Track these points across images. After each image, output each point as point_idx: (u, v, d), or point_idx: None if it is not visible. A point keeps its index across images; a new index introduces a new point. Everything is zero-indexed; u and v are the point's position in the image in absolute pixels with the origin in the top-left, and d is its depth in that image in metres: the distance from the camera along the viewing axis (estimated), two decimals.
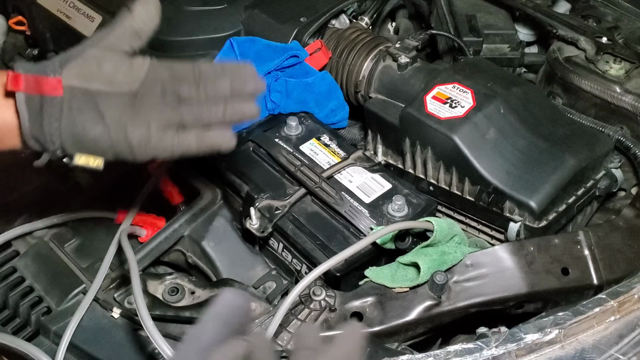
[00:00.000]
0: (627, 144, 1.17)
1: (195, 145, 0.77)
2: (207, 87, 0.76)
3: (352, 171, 1.12)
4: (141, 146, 0.75)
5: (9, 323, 0.98)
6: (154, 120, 0.75)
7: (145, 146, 0.75)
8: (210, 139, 0.78)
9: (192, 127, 0.77)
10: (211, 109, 0.77)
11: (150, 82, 0.76)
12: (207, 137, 0.78)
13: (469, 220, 1.14)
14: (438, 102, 1.13)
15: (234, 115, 0.78)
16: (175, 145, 0.76)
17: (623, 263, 1.00)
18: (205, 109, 0.76)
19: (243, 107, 0.79)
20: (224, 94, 0.77)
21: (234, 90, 0.77)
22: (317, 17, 1.32)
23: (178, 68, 0.77)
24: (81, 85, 0.74)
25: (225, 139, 0.79)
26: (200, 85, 0.76)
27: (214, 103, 0.77)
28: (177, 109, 0.76)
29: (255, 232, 1.02)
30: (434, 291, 0.93)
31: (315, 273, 0.88)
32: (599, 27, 1.33)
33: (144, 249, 1.04)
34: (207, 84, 0.76)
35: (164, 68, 0.77)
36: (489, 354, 0.80)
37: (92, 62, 0.75)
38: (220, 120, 0.78)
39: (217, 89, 0.77)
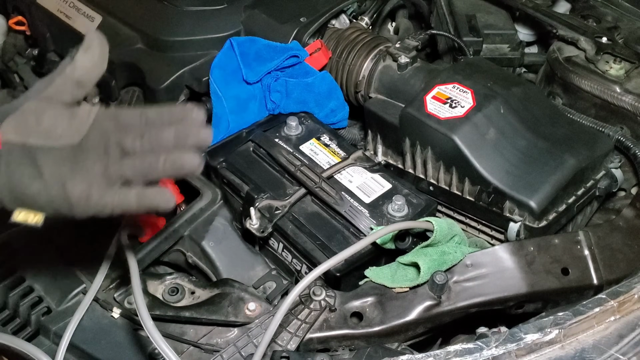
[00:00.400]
0: (627, 144, 1.17)
1: (136, 203, 0.73)
2: (152, 137, 0.73)
3: (352, 171, 1.12)
4: (81, 203, 0.72)
5: (9, 323, 0.98)
6: (95, 176, 0.72)
7: (85, 203, 0.72)
8: (150, 198, 0.74)
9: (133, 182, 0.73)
10: (152, 161, 0.73)
11: (93, 134, 0.73)
12: (147, 195, 0.73)
13: (469, 220, 1.14)
14: (438, 102, 1.13)
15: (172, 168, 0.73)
16: (116, 202, 0.73)
17: (623, 263, 1.00)
18: (147, 162, 0.73)
19: (183, 159, 0.73)
20: (167, 144, 0.73)
21: (178, 141, 0.73)
22: (317, 17, 1.32)
23: (124, 116, 0.74)
24: (19, 140, 0.71)
25: (164, 198, 0.74)
26: (145, 136, 0.73)
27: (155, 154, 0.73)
28: (119, 162, 0.72)
29: (255, 232, 1.02)
30: (434, 291, 0.93)
31: (315, 273, 0.88)
32: (599, 27, 1.33)
33: (144, 249, 1.04)
34: (151, 133, 0.73)
35: (110, 117, 0.74)
36: (489, 354, 0.80)
37: (30, 115, 0.72)
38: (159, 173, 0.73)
39: (160, 139, 0.73)
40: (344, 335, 0.92)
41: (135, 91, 1.33)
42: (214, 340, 0.93)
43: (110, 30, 1.35)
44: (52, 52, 1.47)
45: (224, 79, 1.22)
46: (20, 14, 1.53)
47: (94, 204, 0.72)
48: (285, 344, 0.90)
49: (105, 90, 1.34)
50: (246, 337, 0.91)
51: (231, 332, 0.94)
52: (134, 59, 1.30)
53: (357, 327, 0.93)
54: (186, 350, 0.92)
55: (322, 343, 0.92)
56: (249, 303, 0.95)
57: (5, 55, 1.64)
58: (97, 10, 1.38)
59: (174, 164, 0.72)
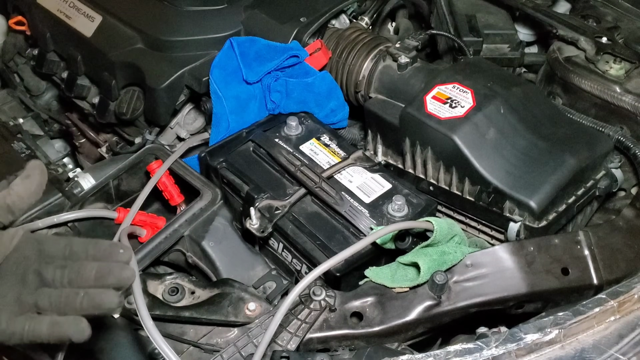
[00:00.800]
0: (627, 144, 1.17)
1: (47, 334, 0.71)
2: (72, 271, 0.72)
3: (352, 171, 1.12)
4: None
5: None
6: (7, 303, 0.70)
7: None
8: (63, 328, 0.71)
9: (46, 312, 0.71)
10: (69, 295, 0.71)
11: (13, 260, 0.72)
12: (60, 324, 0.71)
13: (469, 220, 1.14)
14: (438, 102, 1.13)
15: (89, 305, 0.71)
16: (26, 331, 0.70)
17: (623, 263, 1.00)
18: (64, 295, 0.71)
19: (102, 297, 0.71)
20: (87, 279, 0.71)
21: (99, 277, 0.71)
22: (317, 17, 1.32)
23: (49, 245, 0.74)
24: None
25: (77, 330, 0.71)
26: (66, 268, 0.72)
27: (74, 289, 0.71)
28: (35, 291, 0.71)
29: (255, 232, 1.02)
30: (434, 291, 0.93)
31: (315, 273, 0.88)
32: (599, 27, 1.33)
33: (144, 249, 1.04)
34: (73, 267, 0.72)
35: (34, 244, 0.74)
36: (489, 354, 0.80)
37: None
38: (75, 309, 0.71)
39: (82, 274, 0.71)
40: (344, 335, 0.92)
41: (135, 91, 1.33)
42: (214, 340, 0.93)
43: (110, 30, 1.35)
44: (52, 52, 1.47)
45: (224, 79, 1.22)
46: (20, 14, 1.53)
47: (1, 331, 0.70)
48: (285, 344, 0.90)
49: (105, 90, 1.34)
50: (246, 337, 0.91)
51: (231, 332, 0.94)
52: (134, 59, 1.30)
53: (357, 327, 0.93)
54: (186, 350, 0.92)
55: (322, 343, 0.92)
56: (249, 303, 0.95)
57: (5, 55, 1.64)
58: (97, 10, 1.38)
59: (91, 301, 0.71)
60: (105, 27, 1.36)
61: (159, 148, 1.20)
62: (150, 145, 1.21)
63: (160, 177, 1.11)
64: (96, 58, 1.35)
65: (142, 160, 1.18)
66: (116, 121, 1.37)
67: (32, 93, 1.66)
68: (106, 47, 1.33)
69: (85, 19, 1.38)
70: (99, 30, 1.36)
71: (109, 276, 0.72)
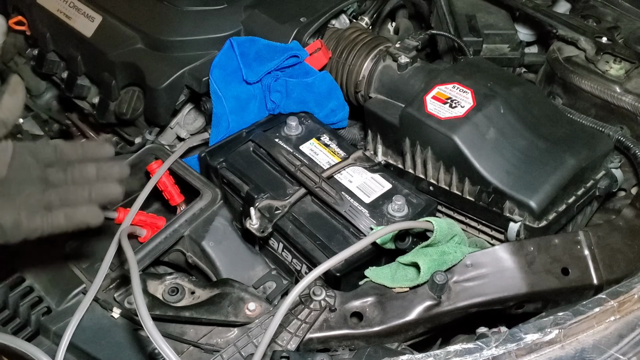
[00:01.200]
0: (627, 144, 1.17)
1: (65, 224, 0.81)
2: (74, 172, 0.81)
3: (352, 171, 1.12)
4: (13, 230, 0.78)
5: (9, 323, 0.98)
6: (23, 205, 0.78)
7: (17, 230, 0.78)
8: (78, 217, 0.81)
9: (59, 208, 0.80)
10: (77, 192, 0.81)
11: (16, 168, 0.79)
12: (75, 215, 0.81)
13: (469, 220, 1.14)
14: (438, 102, 1.13)
15: (99, 197, 0.82)
16: (45, 225, 0.80)
17: (623, 263, 1.00)
18: (71, 192, 0.81)
19: (109, 189, 0.83)
20: (90, 178, 0.82)
21: (100, 175, 0.82)
22: (317, 17, 1.32)
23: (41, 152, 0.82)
24: None
25: (93, 215, 0.82)
26: (67, 170, 0.81)
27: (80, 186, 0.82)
28: (44, 193, 0.80)
29: (255, 232, 1.02)
30: (434, 291, 0.93)
31: (315, 273, 0.88)
32: (599, 27, 1.33)
33: (144, 249, 1.04)
34: (73, 168, 0.81)
35: (27, 152, 0.81)
36: (489, 354, 0.80)
37: None
38: (86, 200, 0.81)
39: (83, 174, 0.82)
40: (344, 335, 0.92)
41: (135, 91, 1.33)
42: (214, 340, 0.93)
43: (110, 30, 1.35)
44: (52, 52, 1.47)
45: (224, 79, 1.22)
46: (20, 14, 1.53)
47: (25, 230, 0.79)
48: (285, 344, 0.90)
49: (105, 90, 1.34)
50: (246, 337, 0.91)
51: (231, 332, 0.94)
52: (134, 59, 1.30)
53: (357, 327, 0.93)
54: (186, 350, 0.92)
55: (322, 343, 0.92)
56: (249, 303, 0.95)
57: (5, 55, 1.64)
58: (97, 10, 1.38)
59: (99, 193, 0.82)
60: (105, 27, 1.36)
61: (159, 148, 1.20)
62: (150, 145, 1.21)
63: (160, 177, 1.11)
64: (96, 58, 1.35)
65: (142, 160, 1.18)
66: (116, 121, 1.37)
67: (32, 93, 1.66)
68: (106, 47, 1.33)
69: (85, 19, 1.38)
70: (99, 30, 1.36)
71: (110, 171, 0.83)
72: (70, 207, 0.81)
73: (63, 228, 0.81)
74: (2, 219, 0.78)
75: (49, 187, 0.81)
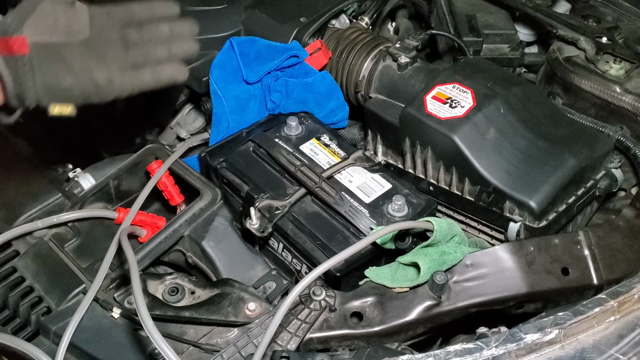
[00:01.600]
0: (627, 144, 1.17)
1: (152, 80, 0.86)
2: (150, 31, 0.86)
3: (352, 171, 1.12)
4: (107, 87, 0.83)
5: (9, 323, 0.98)
6: (114, 62, 0.83)
7: (110, 87, 0.83)
8: (164, 73, 0.87)
9: (145, 65, 0.85)
10: (157, 50, 0.86)
11: (97, 29, 0.82)
12: (160, 72, 0.86)
13: (469, 220, 1.14)
14: (438, 102, 1.13)
15: (178, 52, 0.88)
16: (135, 82, 0.85)
17: (623, 263, 1.00)
18: (152, 51, 0.86)
19: (185, 46, 0.89)
20: (165, 35, 0.87)
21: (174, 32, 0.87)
22: (317, 17, 1.32)
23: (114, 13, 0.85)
24: (43, 40, 0.78)
25: (177, 71, 0.88)
26: (142, 30, 0.85)
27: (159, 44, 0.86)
28: (128, 51, 0.84)
29: (255, 232, 1.02)
30: (434, 291, 0.93)
31: (315, 273, 0.88)
32: (599, 27, 1.33)
33: (144, 249, 1.04)
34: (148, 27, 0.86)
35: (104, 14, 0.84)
36: (489, 354, 0.80)
37: (47, 16, 0.79)
38: (167, 56, 0.87)
39: (158, 33, 0.86)
40: (344, 335, 0.92)
41: None
42: (214, 340, 0.93)
43: None
44: None
45: (224, 79, 1.22)
46: None
47: (117, 87, 0.84)
48: (285, 344, 0.90)
49: None
50: (246, 337, 0.91)
51: (231, 332, 0.94)
52: None
53: (357, 327, 0.93)
54: (186, 350, 0.92)
55: (322, 343, 0.92)
56: (249, 303, 0.95)
57: None
58: None
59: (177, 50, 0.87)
60: None
61: (159, 148, 1.20)
62: (150, 145, 1.21)
63: (160, 177, 1.11)
64: None
65: (142, 160, 1.18)
66: None
67: None
68: None
69: None
70: None
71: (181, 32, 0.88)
72: (155, 65, 0.86)
73: (151, 85, 0.86)
74: (97, 75, 0.81)
75: (129, 48, 0.84)
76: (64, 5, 0.81)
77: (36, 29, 0.78)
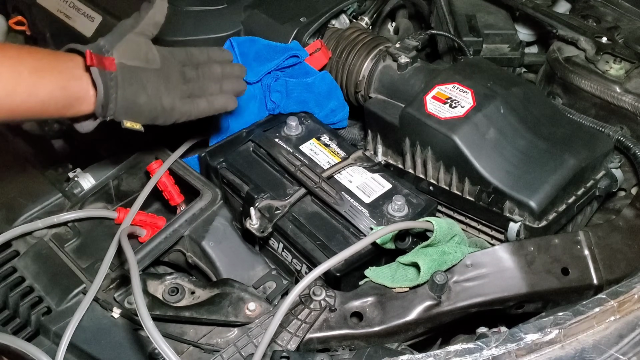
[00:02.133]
0: (627, 144, 1.17)
1: (207, 108, 1.01)
2: (204, 70, 1.02)
3: (352, 171, 1.12)
4: (171, 111, 0.96)
5: (9, 323, 0.98)
6: (177, 91, 0.97)
7: (173, 111, 0.97)
8: (217, 103, 1.02)
9: (201, 97, 1.01)
10: (210, 85, 1.02)
11: (165, 63, 0.97)
12: (214, 101, 1.02)
13: (469, 220, 1.14)
14: (438, 102, 1.13)
15: (228, 88, 1.04)
16: (193, 109, 1.00)
17: (623, 263, 1.00)
18: (206, 85, 1.01)
19: (235, 83, 1.05)
20: (217, 75, 1.03)
21: (225, 73, 1.04)
22: (317, 17, 1.32)
23: (176, 53, 1.01)
24: (128, 63, 0.92)
25: (228, 102, 1.04)
26: (198, 68, 1.01)
27: (212, 81, 1.02)
28: (186, 84, 0.99)
29: (255, 232, 1.02)
30: (434, 291, 0.93)
31: (315, 273, 0.88)
32: (599, 27, 1.33)
33: (144, 249, 1.04)
34: (203, 67, 1.02)
35: (168, 53, 0.99)
36: (489, 354, 0.80)
37: (133, 44, 0.94)
38: (218, 91, 1.03)
39: (211, 72, 1.02)
40: (344, 335, 0.92)
41: None
42: (214, 340, 0.93)
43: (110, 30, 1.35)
44: None
45: None
46: (20, 14, 1.53)
47: (178, 112, 0.98)
48: (285, 344, 0.90)
49: None
50: (246, 337, 0.91)
51: (231, 332, 0.94)
52: None
53: (357, 327, 0.93)
54: (186, 350, 0.92)
55: (322, 343, 0.92)
56: (249, 303, 0.95)
57: None
58: (97, 10, 1.38)
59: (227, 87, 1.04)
60: (105, 27, 1.36)
61: (159, 148, 1.20)
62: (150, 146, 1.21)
63: (160, 177, 1.11)
64: None
65: (142, 160, 1.18)
66: None
67: None
68: None
69: (85, 19, 1.38)
70: (99, 30, 1.36)
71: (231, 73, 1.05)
72: (209, 96, 1.01)
73: (206, 112, 1.02)
74: (165, 101, 0.95)
75: (186, 82, 0.99)
76: (144, 37, 0.96)
77: (123, 53, 0.92)
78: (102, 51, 0.91)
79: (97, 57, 0.89)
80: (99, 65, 0.88)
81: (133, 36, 0.95)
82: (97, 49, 0.91)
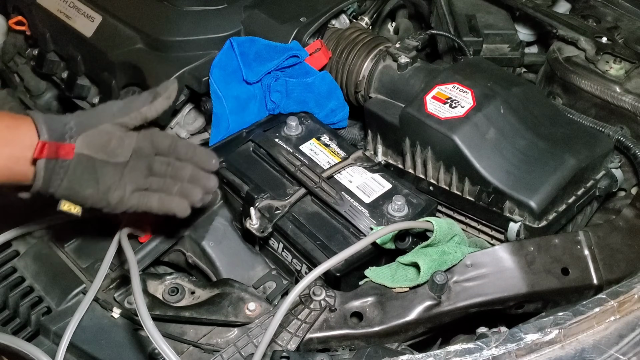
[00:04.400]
0: (627, 144, 1.17)
1: (157, 206, 0.93)
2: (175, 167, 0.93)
3: (352, 171, 1.12)
4: (117, 204, 0.90)
5: (9, 323, 0.98)
6: (130, 185, 0.91)
7: (119, 204, 0.91)
8: (169, 204, 0.93)
9: (156, 192, 0.93)
10: (170, 185, 0.94)
11: (135, 155, 0.91)
12: (167, 202, 0.93)
13: (469, 220, 1.14)
14: (438, 102, 1.13)
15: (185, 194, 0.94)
16: (141, 204, 0.92)
17: (623, 263, 1.00)
18: (167, 183, 0.93)
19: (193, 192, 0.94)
20: (184, 176, 0.94)
21: (192, 178, 0.94)
22: (317, 17, 1.32)
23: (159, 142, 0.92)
24: (89, 154, 0.86)
25: (180, 206, 0.93)
26: (169, 164, 0.93)
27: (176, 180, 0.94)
28: (148, 178, 0.93)
29: (255, 232, 1.02)
30: (434, 291, 0.93)
31: (315, 273, 0.88)
32: (599, 27, 1.33)
33: (144, 249, 1.04)
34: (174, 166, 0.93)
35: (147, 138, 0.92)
36: (489, 354, 0.80)
37: (104, 136, 0.87)
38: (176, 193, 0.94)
39: (181, 172, 0.93)
40: (344, 335, 0.92)
41: (135, 91, 1.32)
42: (214, 340, 0.93)
43: (110, 30, 1.35)
44: (52, 52, 1.46)
45: (224, 79, 1.22)
46: (20, 14, 1.52)
47: (124, 205, 0.91)
48: (285, 344, 0.90)
49: (105, 90, 1.34)
50: (246, 337, 0.91)
51: (231, 332, 0.94)
52: (134, 59, 1.30)
53: (357, 327, 0.93)
54: (186, 350, 0.92)
55: (322, 343, 0.92)
56: (249, 303, 0.95)
57: (5, 55, 1.64)
58: (97, 10, 1.38)
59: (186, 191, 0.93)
60: (105, 27, 1.36)
61: None
62: None
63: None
64: (96, 58, 1.35)
65: None
66: None
67: (32, 93, 1.66)
68: (106, 47, 1.33)
69: (85, 19, 1.38)
70: (99, 30, 1.36)
71: (198, 180, 0.94)
72: (164, 194, 0.93)
73: (155, 210, 0.93)
74: (112, 195, 0.89)
75: (150, 175, 0.93)
76: (121, 130, 0.89)
77: (88, 143, 0.86)
78: (65, 137, 0.84)
79: (52, 146, 0.83)
80: (51, 155, 0.83)
81: (109, 127, 0.88)
82: (61, 132, 0.84)
